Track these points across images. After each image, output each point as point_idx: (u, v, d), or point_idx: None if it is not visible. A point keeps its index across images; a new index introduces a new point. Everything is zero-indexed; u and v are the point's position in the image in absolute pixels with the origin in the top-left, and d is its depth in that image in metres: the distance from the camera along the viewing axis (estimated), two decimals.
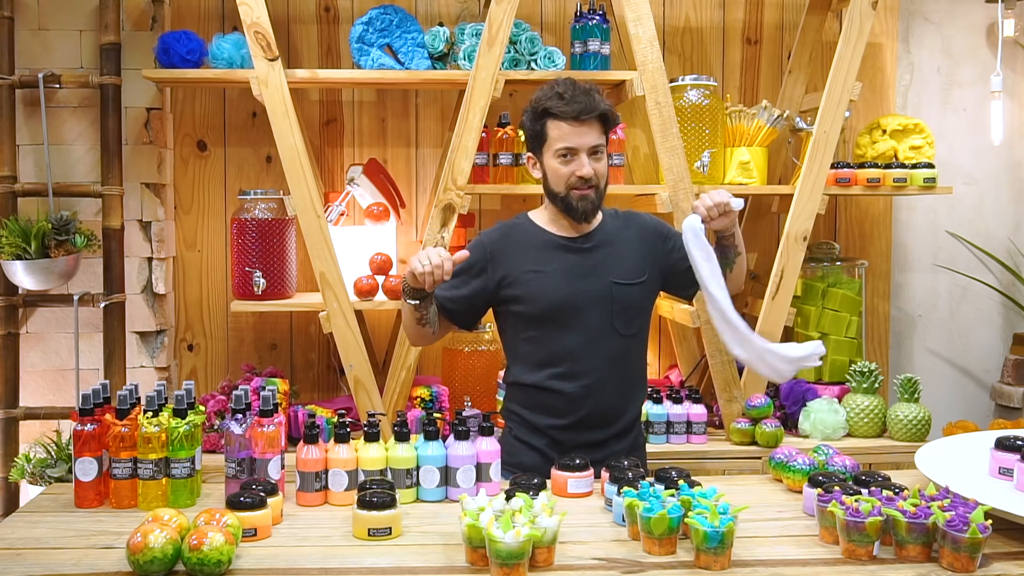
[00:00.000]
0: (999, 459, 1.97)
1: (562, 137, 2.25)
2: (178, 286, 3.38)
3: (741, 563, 1.66)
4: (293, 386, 3.25)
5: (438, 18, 3.41)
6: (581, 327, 2.30)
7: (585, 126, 2.24)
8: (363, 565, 1.66)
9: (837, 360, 3.30)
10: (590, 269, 2.32)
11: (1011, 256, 3.73)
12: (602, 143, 2.28)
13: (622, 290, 2.33)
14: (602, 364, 2.31)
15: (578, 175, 2.26)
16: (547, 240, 2.35)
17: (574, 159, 2.26)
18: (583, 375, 2.30)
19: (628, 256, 2.37)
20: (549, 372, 2.31)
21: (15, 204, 3.10)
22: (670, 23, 3.54)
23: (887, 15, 3.58)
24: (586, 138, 2.25)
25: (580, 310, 2.30)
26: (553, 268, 2.31)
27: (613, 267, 2.34)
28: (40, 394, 3.21)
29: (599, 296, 2.31)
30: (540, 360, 2.32)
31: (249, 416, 2.00)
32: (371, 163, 3.26)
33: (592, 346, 2.30)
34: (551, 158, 2.29)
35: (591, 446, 2.28)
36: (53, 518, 1.91)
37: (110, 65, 3.08)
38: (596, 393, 2.30)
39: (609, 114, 2.27)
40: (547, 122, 2.27)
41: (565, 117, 2.24)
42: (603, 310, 2.31)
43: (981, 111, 3.64)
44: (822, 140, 3.10)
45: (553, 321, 2.30)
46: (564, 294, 2.29)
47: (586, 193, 2.28)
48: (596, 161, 2.27)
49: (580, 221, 2.33)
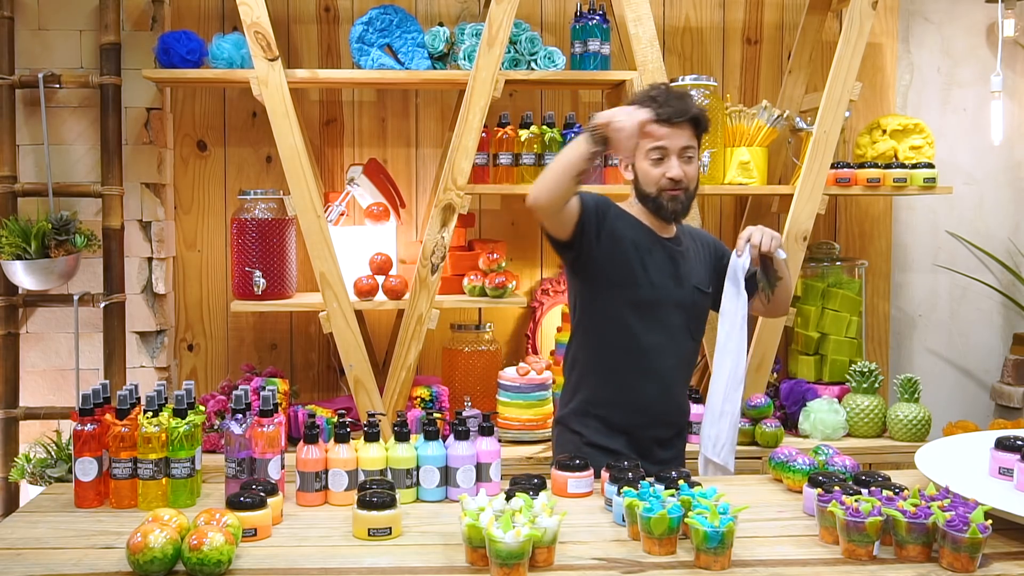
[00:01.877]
0: (999, 459, 1.97)
1: (655, 137, 2.27)
2: (178, 286, 3.38)
3: (741, 563, 1.66)
4: (293, 386, 3.24)
5: (438, 18, 3.41)
6: (666, 324, 2.34)
7: (676, 128, 2.27)
8: (363, 565, 1.66)
9: (837, 360, 3.30)
10: (679, 269, 2.37)
11: (1011, 256, 3.73)
12: (693, 146, 2.31)
13: (699, 296, 2.40)
14: (678, 363, 2.38)
15: (668, 176, 2.28)
16: (646, 231, 2.36)
17: (665, 160, 2.29)
18: (661, 372, 2.34)
19: (701, 265, 2.43)
20: (636, 364, 2.32)
21: (15, 204, 3.10)
22: (670, 23, 3.54)
23: (887, 15, 3.58)
24: (677, 140, 2.28)
25: (668, 307, 2.34)
26: (651, 256, 2.33)
27: (693, 272, 2.39)
28: (40, 394, 3.21)
29: (683, 297, 2.36)
30: (625, 349, 2.32)
31: (249, 416, 2.00)
32: (371, 163, 3.26)
33: (671, 345, 2.35)
34: (642, 160, 2.31)
35: (660, 443, 2.35)
36: (53, 518, 1.91)
37: (110, 65, 3.08)
38: (669, 391, 2.36)
39: (700, 118, 2.31)
40: None
41: (659, 119, 2.25)
42: (685, 312, 2.36)
43: (981, 111, 3.64)
44: (822, 140, 3.10)
45: (644, 313, 2.32)
46: (659, 288, 2.32)
47: (676, 194, 2.31)
48: (686, 163, 2.30)
49: (670, 221, 2.36)
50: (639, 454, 2.26)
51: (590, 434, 2.33)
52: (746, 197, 3.49)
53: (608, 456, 2.21)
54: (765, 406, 3.03)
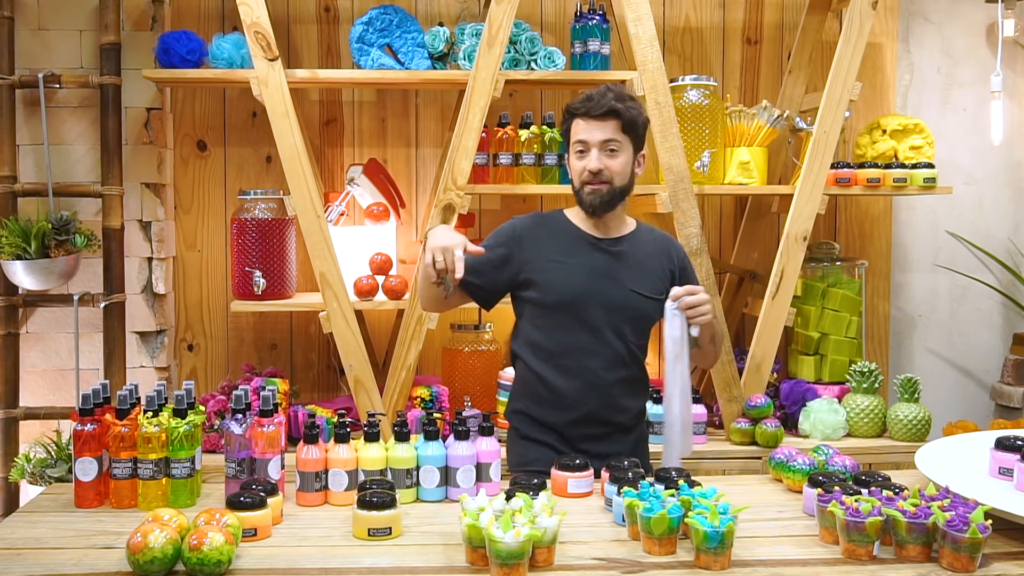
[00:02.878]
0: (999, 459, 1.97)
1: (577, 133, 2.31)
2: (178, 286, 3.38)
3: (741, 563, 1.66)
4: (293, 386, 3.25)
5: (438, 18, 3.41)
6: (591, 325, 2.31)
7: (598, 122, 2.28)
8: (363, 565, 1.66)
9: (837, 360, 3.30)
10: (612, 271, 2.34)
11: (1011, 256, 3.73)
12: (617, 139, 2.29)
13: (639, 300, 2.35)
14: (607, 365, 2.33)
15: (588, 168, 2.29)
16: (576, 235, 2.37)
17: (586, 154, 2.30)
18: (587, 372, 2.32)
19: (650, 270, 2.39)
20: (555, 363, 2.32)
21: (15, 204, 3.10)
22: (670, 23, 3.54)
23: (887, 15, 3.58)
24: (597, 133, 2.28)
25: (594, 308, 2.32)
26: (575, 262, 2.33)
27: (635, 276, 2.36)
28: (40, 394, 3.21)
29: (615, 299, 2.33)
30: (548, 351, 2.34)
31: (249, 416, 2.00)
32: (371, 163, 3.26)
33: (599, 346, 2.32)
34: (571, 156, 2.35)
35: (595, 439, 2.31)
36: (53, 518, 1.91)
37: (110, 65, 3.08)
38: (596, 393, 2.32)
39: (621, 111, 2.29)
40: (571, 121, 2.35)
41: (579, 113, 2.31)
42: (616, 314, 2.33)
43: (981, 111, 3.64)
44: (822, 140, 3.10)
45: (566, 313, 2.32)
46: (581, 288, 2.31)
47: (596, 187, 2.30)
48: (609, 157, 2.29)
49: (590, 215, 2.34)
50: (573, 449, 2.28)
51: (523, 428, 2.37)
52: (746, 197, 3.49)
53: (541, 448, 2.30)
54: (765, 406, 3.03)
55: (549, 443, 2.32)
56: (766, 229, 3.53)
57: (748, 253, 3.51)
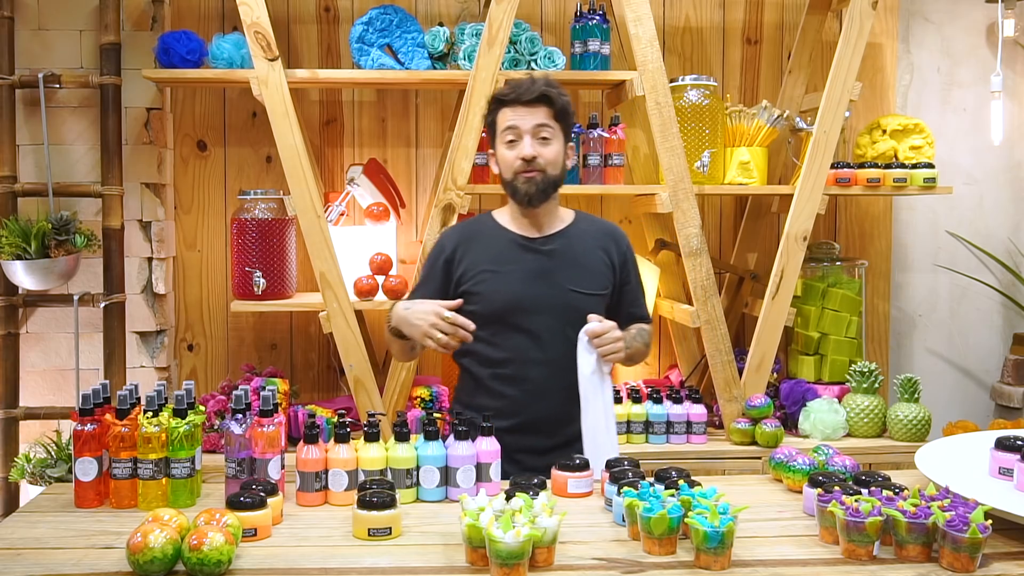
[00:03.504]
0: (999, 459, 1.97)
1: (506, 120, 2.26)
2: (178, 286, 3.38)
3: (741, 563, 1.66)
4: (293, 386, 3.24)
5: (438, 18, 3.41)
6: (532, 331, 2.27)
7: (528, 108, 2.24)
8: (363, 565, 1.66)
9: (837, 360, 3.30)
10: (548, 272, 2.29)
11: (1011, 256, 3.73)
12: (549, 125, 2.25)
13: (579, 299, 2.29)
14: (549, 371, 2.27)
15: (520, 157, 2.24)
16: (507, 239, 2.33)
17: (518, 142, 2.25)
18: (529, 379, 2.27)
19: (590, 265, 2.33)
20: (495, 372, 2.29)
21: (15, 204, 3.10)
22: (670, 23, 3.54)
23: (887, 15, 3.58)
24: (529, 119, 2.24)
25: (532, 313, 2.27)
26: (510, 268, 2.29)
27: (572, 274, 2.30)
28: (40, 394, 3.21)
29: (553, 301, 2.28)
30: (489, 359, 2.30)
31: (249, 416, 2.00)
32: (371, 163, 3.26)
33: (541, 351, 2.27)
34: (501, 146, 2.29)
35: (535, 452, 2.26)
36: (53, 518, 1.91)
37: (110, 65, 3.08)
38: (540, 399, 2.27)
39: (552, 96, 2.24)
40: (497, 111, 2.29)
41: (508, 101, 2.26)
42: (556, 316, 2.27)
43: (981, 111, 3.64)
44: (822, 140, 3.10)
45: (504, 322, 2.27)
46: (517, 295, 2.27)
47: (531, 176, 2.25)
48: (542, 144, 2.25)
49: (525, 206, 2.30)
50: (507, 459, 2.11)
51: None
52: (746, 197, 3.49)
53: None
54: (765, 406, 3.03)
55: None
56: (766, 229, 3.53)
57: (748, 253, 3.51)
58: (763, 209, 3.47)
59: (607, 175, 3.13)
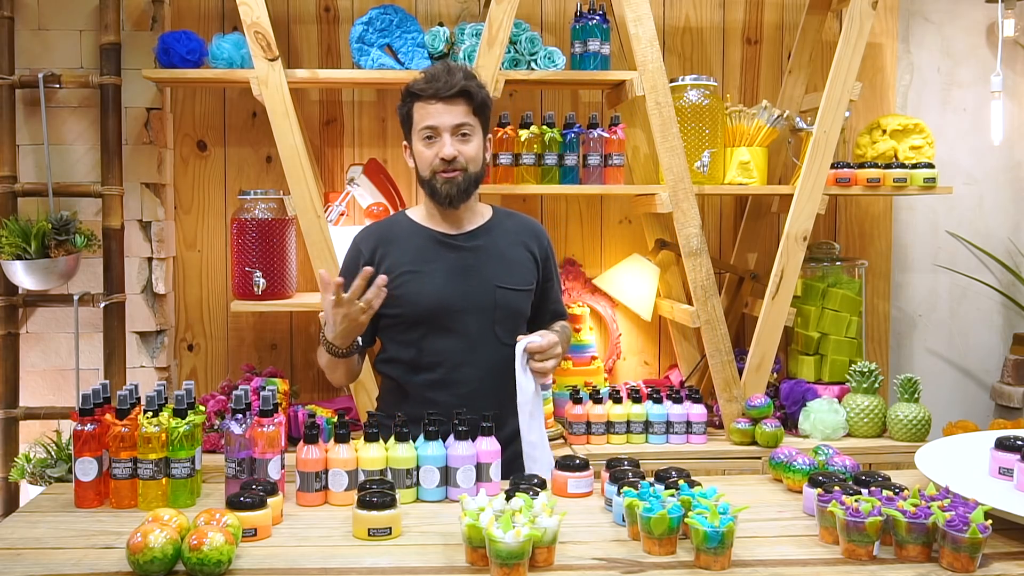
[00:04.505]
0: (999, 459, 1.97)
1: (424, 117, 2.17)
2: (178, 286, 3.38)
3: (741, 563, 1.66)
4: (293, 386, 3.25)
5: (438, 18, 3.41)
6: (460, 332, 2.20)
7: (447, 104, 2.15)
8: (363, 565, 1.66)
9: (837, 360, 3.30)
10: (472, 269, 2.22)
11: (1011, 256, 3.73)
12: (469, 123, 2.17)
13: (507, 296, 2.23)
14: (481, 373, 2.22)
15: (440, 156, 2.16)
16: (426, 236, 2.25)
17: (436, 140, 2.17)
18: (460, 383, 2.21)
19: (515, 261, 2.28)
20: (425, 378, 2.22)
21: (15, 204, 3.10)
22: (670, 23, 3.54)
23: (887, 15, 3.58)
24: (448, 117, 2.15)
25: (459, 313, 2.20)
26: (432, 267, 2.21)
27: (498, 270, 2.24)
28: (40, 394, 3.21)
29: (481, 300, 2.21)
30: (416, 365, 2.23)
31: (249, 416, 2.00)
32: (371, 163, 3.27)
33: (471, 353, 2.21)
34: (417, 142, 2.21)
35: None
36: (53, 518, 1.91)
37: (110, 65, 3.08)
38: (473, 403, 2.16)
39: (471, 90, 2.16)
40: (412, 105, 2.21)
41: (425, 96, 2.17)
42: (484, 315, 2.22)
43: (981, 111, 3.64)
44: (822, 140, 3.10)
45: (430, 324, 2.20)
46: (443, 295, 2.19)
47: (451, 176, 2.17)
48: (462, 142, 2.17)
49: (445, 207, 2.21)
50: None
51: (386, 432, 2.09)
52: (746, 197, 3.49)
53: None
54: (765, 406, 3.03)
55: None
56: (766, 229, 3.53)
57: (748, 253, 3.51)
58: (763, 209, 3.47)
59: (607, 175, 3.13)
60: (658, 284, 3.33)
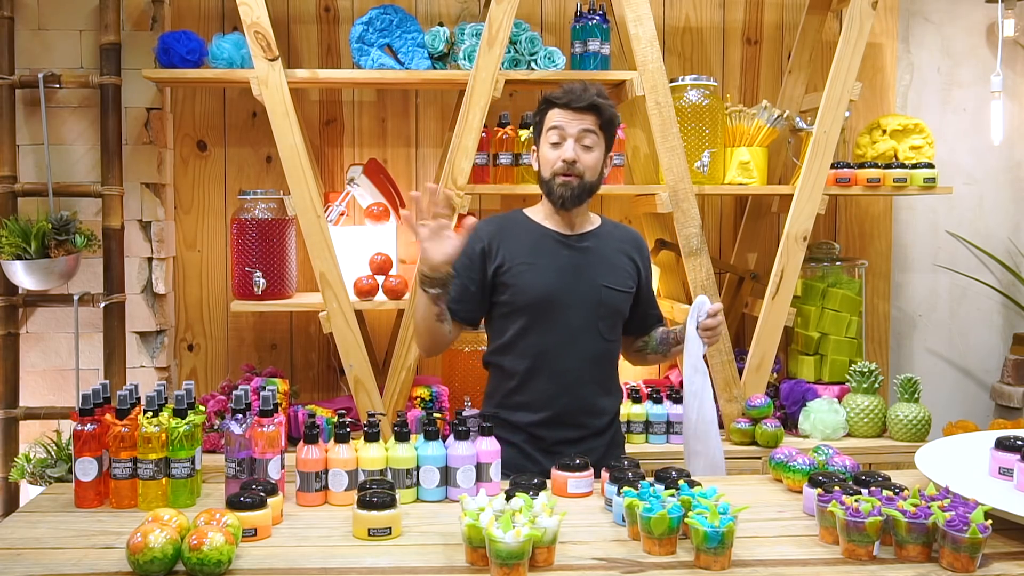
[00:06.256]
0: (999, 459, 1.97)
1: (552, 120, 2.31)
2: (178, 286, 3.38)
3: (741, 563, 1.66)
4: (293, 386, 3.24)
5: (438, 18, 3.41)
6: (563, 324, 2.32)
7: (576, 114, 2.29)
8: (363, 565, 1.66)
9: (837, 360, 3.30)
10: (581, 268, 2.35)
11: (1011, 256, 3.73)
12: (594, 132, 2.30)
13: (611, 295, 2.36)
14: (580, 364, 2.33)
15: (562, 158, 2.29)
16: (541, 234, 2.37)
17: (562, 143, 2.30)
18: (561, 372, 2.31)
19: (618, 265, 2.40)
20: (529, 364, 2.32)
21: (15, 204, 3.10)
22: (670, 23, 3.54)
23: (887, 15, 3.58)
24: (575, 124, 2.29)
25: (567, 307, 2.32)
26: (545, 262, 2.33)
27: (604, 271, 2.37)
28: (40, 394, 3.21)
29: (587, 296, 2.33)
30: (521, 352, 2.33)
31: (249, 416, 2.00)
32: (371, 163, 3.27)
33: (572, 345, 2.32)
34: (544, 145, 2.34)
35: (568, 443, 2.31)
36: (53, 518, 1.91)
37: (110, 65, 3.08)
38: (572, 391, 2.32)
39: (602, 106, 2.29)
40: (546, 111, 2.34)
41: (559, 103, 2.30)
42: (588, 310, 2.34)
43: (981, 111, 3.64)
44: (822, 140, 3.10)
45: (538, 314, 2.32)
46: (553, 288, 2.31)
47: (568, 179, 2.30)
48: (584, 151, 2.30)
49: (559, 208, 2.34)
50: (543, 452, 2.29)
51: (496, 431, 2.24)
52: (746, 197, 3.49)
53: (509, 450, 2.22)
54: (765, 406, 3.03)
55: (517, 444, 2.32)
56: (766, 229, 3.53)
57: (748, 253, 3.51)
58: (763, 209, 3.47)
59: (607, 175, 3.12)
60: (658, 284, 3.33)
